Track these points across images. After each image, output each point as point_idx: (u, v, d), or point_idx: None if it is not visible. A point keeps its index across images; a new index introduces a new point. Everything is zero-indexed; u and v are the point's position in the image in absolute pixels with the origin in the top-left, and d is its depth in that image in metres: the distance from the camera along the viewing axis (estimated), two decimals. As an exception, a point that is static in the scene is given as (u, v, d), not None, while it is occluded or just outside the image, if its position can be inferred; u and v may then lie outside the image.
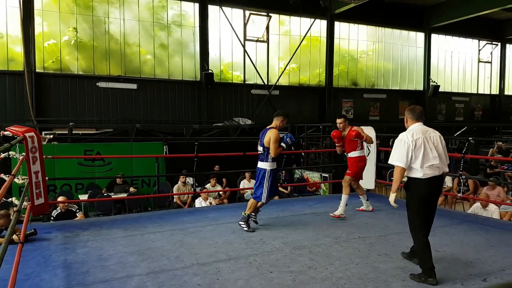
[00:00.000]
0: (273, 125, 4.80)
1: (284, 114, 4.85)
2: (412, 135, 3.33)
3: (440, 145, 3.37)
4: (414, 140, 3.31)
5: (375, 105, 17.26)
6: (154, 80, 13.29)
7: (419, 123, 3.44)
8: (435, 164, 3.30)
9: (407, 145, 3.32)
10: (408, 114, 3.50)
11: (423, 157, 3.29)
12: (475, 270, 3.48)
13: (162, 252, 3.97)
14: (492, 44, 20.00)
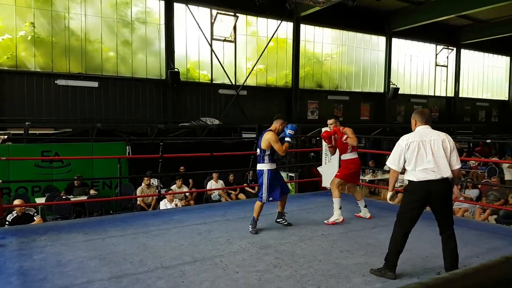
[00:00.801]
0: (272, 127, 4.81)
1: (284, 118, 4.86)
2: (408, 139, 3.37)
3: (440, 149, 3.29)
4: (408, 143, 3.34)
5: (339, 106, 17.66)
6: (117, 78, 12.97)
7: (424, 126, 3.43)
8: (429, 168, 3.25)
9: (400, 148, 3.38)
10: (417, 117, 3.48)
11: (416, 161, 3.29)
12: (431, 264, 3.65)
13: (125, 256, 3.89)
14: (448, 49, 20.94)
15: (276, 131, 4.77)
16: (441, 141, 3.33)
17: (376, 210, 6.04)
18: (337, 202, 5.16)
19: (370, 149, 14.49)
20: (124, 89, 13.06)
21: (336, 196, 5.19)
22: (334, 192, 5.23)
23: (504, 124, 23.27)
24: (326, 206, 6.27)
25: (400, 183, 10.61)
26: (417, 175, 3.28)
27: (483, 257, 3.87)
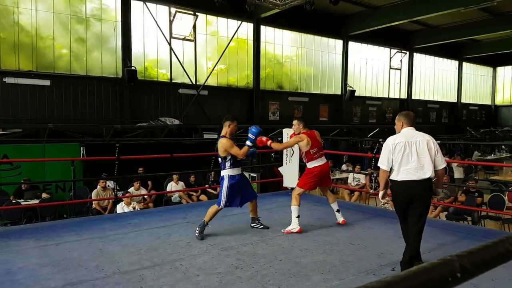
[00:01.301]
0: (223, 132, 4.66)
1: (230, 119, 4.69)
2: (394, 140, 3.53)
3: (425, 150, 3.44)
4: (395, 144, 3.50)
5: (299, 107, 17.92)
6: (70, 76, 12.45)
7: (410, 128, 3.62)
8: (411, 168, 3.40)
9: (388, 149, 3.55)
10: (404, 119, 3.66)
11: (400, 161, 3.44)
12: (385, 260, 3.80)
13: (80, 262, 3.75)
14: (401, 53, 21.80)
15: (228, 134, 4.63)
16: (426, 142, 3.50)
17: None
18: (294, 211, 4.81)
19: (328, 150, 14.83)
20: (78, 87, 12.56)
21: (294, 205, 4.83)
22: (293, 200, 4.88)
23: (453, 125, 24.57)
24: (287, 206, 6.33)
25: (357, 181, 10.96)
26: (400, 175, 3.45)
27: (435, 252, 4.06)
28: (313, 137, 4.95)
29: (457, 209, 7.50)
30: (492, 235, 4.73)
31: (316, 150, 4.93)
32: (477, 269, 0.79)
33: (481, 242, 3.11)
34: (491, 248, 0.84)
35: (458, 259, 0.77)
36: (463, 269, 0.76)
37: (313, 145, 4.90)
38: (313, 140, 4.92)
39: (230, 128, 4.65)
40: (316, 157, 4.93)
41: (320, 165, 4.95)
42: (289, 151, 7.10)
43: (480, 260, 0.80)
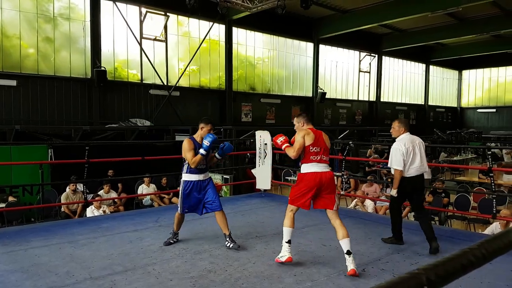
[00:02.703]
0: (195, 134, 4.36)
1: (204, 121, 4.35)
2: (404, 145, 4.26)
3: (423, 150, 4.35)
4: (406, 148, 4.25)
5: (271, 109, 18.08)
6: (38, 77, 12.10)
7: (408, 133, 4.39)
8: (417, 166, 4.28)
9: (401, 152, 4.25)
10: (403, 125, 4.43)
11: (410, 161, 4.25)
12: (356, 261, 3.87)
13: (50, 268, 3.66)
14: (370, 56, 22.35)
15: (199, 137, 4.29)
16: (422, 144, 4.40)
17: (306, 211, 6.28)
18: (284, 233, 3.83)
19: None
20: (45, 88, 12.21)
21: (285, 225, 3.85)
22: (286, 219, 3.89)
23: (420, 127, 25.35)
24: (260, 207, 6.42)
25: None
26: (408, 172, 4.27)
27: (403, 253, 4.20)
28: (318, 134, 3.85)
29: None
30: (458, 235, 4.94)
31: (317, 150, 3.75)
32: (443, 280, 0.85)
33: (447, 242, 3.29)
34: (454, 260, 0.90)
35: (424, 273, 0.82)
36: (429, 282, 0.81)
37: (315, 143, 3.77)
38: (317, 137, 3.81)
39: (202, 131, 4.32)
40: (314, 160, 3.73)
41: (315, 172, 3.71)
42: (261, 153, 7.16)
43: (444, 272, 0.86)
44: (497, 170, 10.04)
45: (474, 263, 0.92)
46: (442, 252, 4.17)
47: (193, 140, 4.33)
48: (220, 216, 4.29)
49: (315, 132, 3.89)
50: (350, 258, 3.55)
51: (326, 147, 3.86)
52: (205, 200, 4.30)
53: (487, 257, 0.95)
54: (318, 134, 3.87)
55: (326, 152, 3.83)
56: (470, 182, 11.18)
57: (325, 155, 3.81)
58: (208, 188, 4.34)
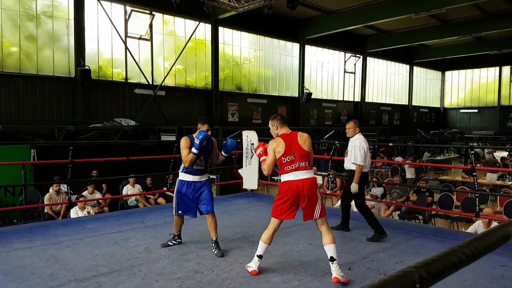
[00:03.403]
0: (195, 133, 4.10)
1: (200, 120, 4.16)
2: (365, 143, 4.69)
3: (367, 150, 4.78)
4: (367, 147, 4.69)
5: (258, 109, 18.09)
6: (20, 76, 11.87)
7: (360, 133, 4.81)
8: (368, 163, 4.83)
9: (363, 150, 4.64)
10: (356, 125, 4.79)
11: (367, 159, 4.73)
12: (342, 260, 3.91)
13: (33, 270, 3.60)
14: (355, 57, 22.56)
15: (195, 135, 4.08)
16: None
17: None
18: (259, 247, 3.60)
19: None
20: (28, 87, 11.99)
21: (262, 239, 3.59)
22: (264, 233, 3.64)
23: (404, 127, 25.71)
24: (247, 208, 6.43)
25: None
26: (365, 169, 4.74)
27: (389, 251, 4.25)
28: (291, 140, 3.54)
29: (409, 209, 7.84)
30: (442, 233, 5.02)
31: (291, 159, 3.46)
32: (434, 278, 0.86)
33: (432, 240, 3.33)
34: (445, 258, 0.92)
35: (416, 270, 0.83)
36: (421, 280, 0.82)
37: (287, 151, 3.48)
38: (289, 144, 3.51)
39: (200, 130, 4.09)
40: (290, 169, 3.46)
41: (291, 181, 3.45)
42: (248, 153, 7.16)
43: (435, 270, 0.87)
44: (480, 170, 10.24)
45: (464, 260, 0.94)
46: (429, 250, 4.24)
47: (191, 139, 4.13)
48: (210, 220, 4.16)
49: (287, 137, 3.54)
50: (334, 265, 3.36)
51: (303, 152, 3.50)
52: (199, 201, 4.18)
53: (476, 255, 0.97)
54: (290, 140, 3.52)
55: (305, 157, 3.48)
56: (453, 182, 11.37)
57: (303, 161, 3.47)
58: (204, 189, 4.19)
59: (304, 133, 3.63)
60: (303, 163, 3.47)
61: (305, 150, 3.50)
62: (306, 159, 3.49)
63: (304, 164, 3.47)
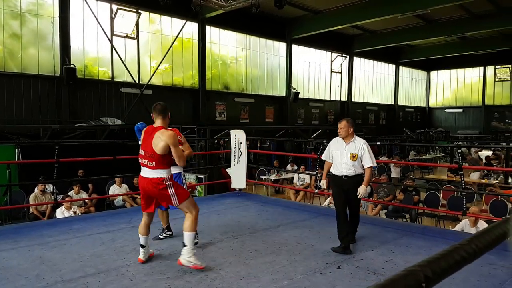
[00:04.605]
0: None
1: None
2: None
3: None
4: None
5: (245, 108, 18.06)
6: (4, 74, 11.62)
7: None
8: None
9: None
10: (351, 124, 4.34)
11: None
12: (331, 259, 3.95)
13: (19, 271, 3.54)
14: (342, 56, 22.70)
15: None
16: None
17: (281, 209, 6.35)
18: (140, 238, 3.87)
19: (275, 150, 15.10)
20: (12, 86, 11.76)
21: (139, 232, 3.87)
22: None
23: (390, 126, 25.97)
24: (235, 207, 6.42)
25: (302, 181, 11.25)
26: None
27: (377, 250, 4.28)
28: (149, 136, 3.54)
29: (396, 207, 7.91)
30: (429, 232, 5.07)
31: (141, 153, 3.60)
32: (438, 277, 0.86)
33: (419, 238, 3.36)
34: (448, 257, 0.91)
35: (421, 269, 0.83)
36: (426, 279, 0.82)
37: (142, 145, 3.62)
38: (146, 139, 3.56)
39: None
40: (140, 163, 3.62)
41: (140, 176, 3.66)
42: (237, 152, 7.16)
43: (439, 269, 0.87)
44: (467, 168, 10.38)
45: (467, 258, 0.94)
46: (416, 249, 4.29)
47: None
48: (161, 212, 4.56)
49: (148, 132, 3.58)
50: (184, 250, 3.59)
51: (152, 151, 3.46)
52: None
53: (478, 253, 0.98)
54: (149, 136, 3.54)
55: (154, 158, 3.46)
56: (439, 180, 11.52)
57: (149, 160, 3.49)
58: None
59: (167, 132, 3.47)
60: (149, 162, 3.50)
61: (155, 151, 3.44)
62: (154, 159, 3.46)
63: (148, 162, 3.51)
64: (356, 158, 4.25)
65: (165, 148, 3.43)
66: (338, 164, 4.35)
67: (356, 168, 4.27)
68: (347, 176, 4.27)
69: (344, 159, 4.29)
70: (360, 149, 4.27)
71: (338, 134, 4.37)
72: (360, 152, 4.27)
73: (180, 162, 3.56)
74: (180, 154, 3.54)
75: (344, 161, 4.29)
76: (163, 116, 3.65)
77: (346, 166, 4.28)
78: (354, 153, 4.26)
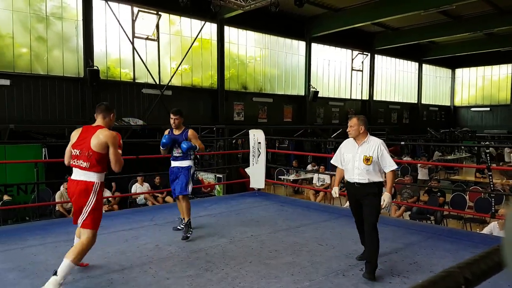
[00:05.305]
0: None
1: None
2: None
3: None
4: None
5: (263, 108, 18.05)
6: (31, 76, 11.98)
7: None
8: None
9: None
10: (363, 122, 3.64)
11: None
12: (354, 261, 3.88)
13: (47, 266, 3.65)
14: (363, 54, 22.40)
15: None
16: None
17: (301, 209, 6.32)
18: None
19: (294, 150, 15.04)
20: (39, 87, 12.10)
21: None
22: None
23: (413, 125, 25.48)
24: (254, 206, 6.44)
25: (322, 182, 11.17)
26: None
27: (401, 252, 4.19)
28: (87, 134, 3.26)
29: (420, 209, 7.74)
30: (456, 234, 4.94)
31: (76, 153, 3.25)
32: (478, 279, 0.84)
33: (445, 241, 3.27)
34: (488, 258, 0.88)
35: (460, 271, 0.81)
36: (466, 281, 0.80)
37: (77, 144, 3.28)
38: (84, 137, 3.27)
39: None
40: (73, 164, 3.27)
41: (69, 178, 3.32)
42: (255, 152, 7.18)
43: (479, 271, 0.85)
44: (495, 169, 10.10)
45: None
46: (443, 252, 4.18)
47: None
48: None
49: (86, 130, 3.30)
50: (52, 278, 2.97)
51: (89, 149, 3.16)
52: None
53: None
54: (86, 133, 3.26)
55: (90, 158, 3.16)
56: (465, 182, 11.22)
57: (84, 160, 3.17)
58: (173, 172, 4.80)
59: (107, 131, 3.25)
60: (84, 163, 3.18)
61: (95, 150, 3.16)
62: (91, 159, 3.16)
63: (83, 163, 3.18)
64: (370, 162, 3.55)
65: (103, 147, 3.17)
66: (350, 169, 3.68)
67: (371, 175, 3.56)
68: (360, 183, 3.60)
69: (356, 163, 3.61)
70: (376, 151, 3.57)
71: (348, 134, 3.73)
72: (376, 154, 3.56)
73: (116, 167, 3.24)
74: (118, 158, 3.24)
75: (357, 166, 3.61)
76: (103, 115, 3.41)
77: (358, 171, 3.60)
78: (368, 155, 3.57)
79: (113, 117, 3.50)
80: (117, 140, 3.26)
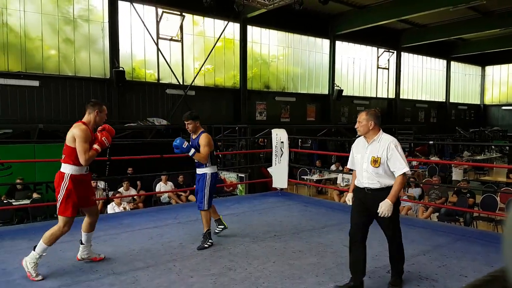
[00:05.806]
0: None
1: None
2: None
3: None
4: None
5: (286, 107, 17.96)
6: (59, 77, 12.32)
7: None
8: None
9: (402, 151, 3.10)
10: (374, 118, 3.13)
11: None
12: (380, 263, 3.78)
13: (74, 263, 3.74)
14: (389, 52, 21.98)
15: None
16: None
17: (325, 210, 6.24)
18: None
19: (317, 150, 14.91)
20: (66, 88, 12.44)
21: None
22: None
23: (441, 124, 24.86)
24: (277, 206, 6.40)
25: (346, 182, 11.01)
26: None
27: (429, 254, 4.06)
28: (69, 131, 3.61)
29: (449, 210, 7.50)
30: (486, 237, 4.73)
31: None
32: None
33: (476, 243, 3.13)
34: None
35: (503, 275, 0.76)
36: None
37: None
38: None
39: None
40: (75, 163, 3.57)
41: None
42: (278, 151, 7.13)
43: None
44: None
45: None
46: (474, 254, 4.04)
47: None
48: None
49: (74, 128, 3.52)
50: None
51: (65, 144, 3.50)
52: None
53: None
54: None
55: (65, 150, 3.49)
56: (496, 182, 10.83)
57: (63, 153, 3.52)
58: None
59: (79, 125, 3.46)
60: (62, 156, 3.54)
61: (67, 145, 3.47)
62: (65, 152, 3.50)
63: (62, 156, 3.55)
64: (379, 164, 3.05)
65: (73, 140, 3.41)
66: (359, 172, 3.20)
67: (382, 178, 3.08)
68: (370, 189, 3.11)
69: (365, 165, 3.13)
70: (386, 150, 3.04)
71: (357, 131, 3.24)
72: (385, 154, 3.04)
73: (81, 158, 3.40)
74: (84, 149, 3.39)
75: (365, 168, 3.12)
76: (88, 111, 3.58)
77: (367, 174, 3.12)
78: (376, 156, 3.06)
79: (98, 113, 3.59)
80: (86, 133, 3.42)
